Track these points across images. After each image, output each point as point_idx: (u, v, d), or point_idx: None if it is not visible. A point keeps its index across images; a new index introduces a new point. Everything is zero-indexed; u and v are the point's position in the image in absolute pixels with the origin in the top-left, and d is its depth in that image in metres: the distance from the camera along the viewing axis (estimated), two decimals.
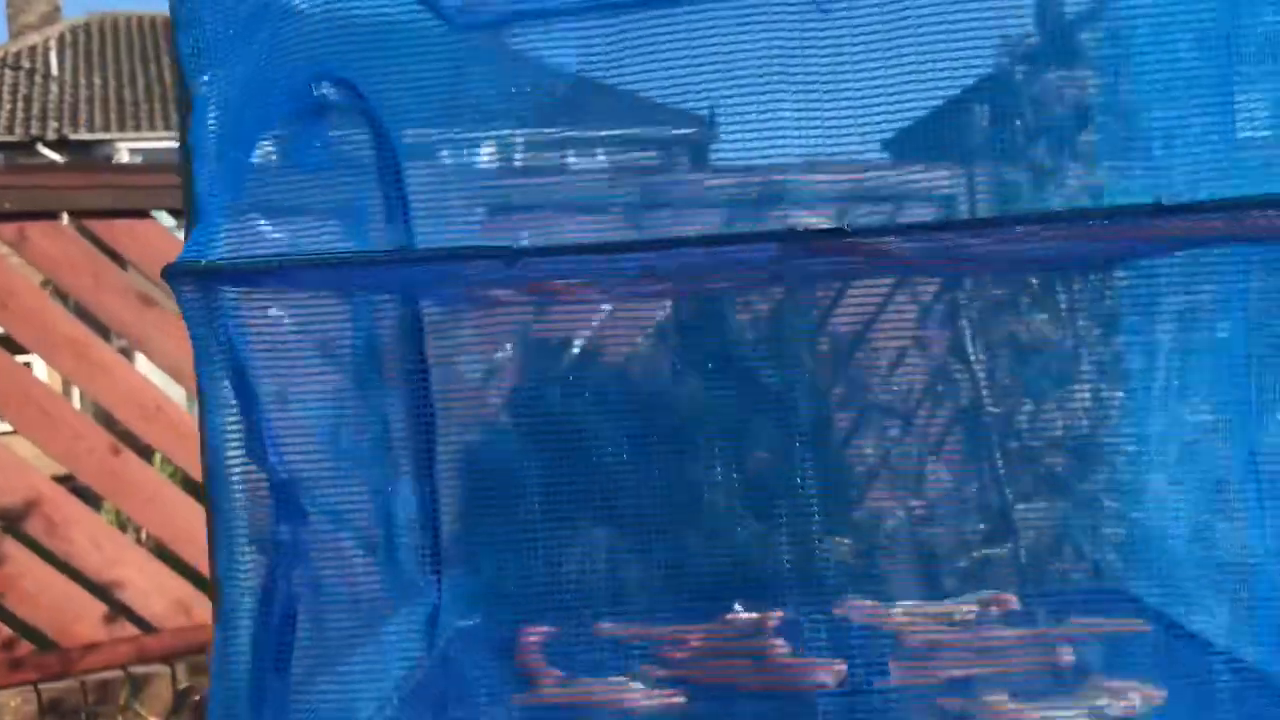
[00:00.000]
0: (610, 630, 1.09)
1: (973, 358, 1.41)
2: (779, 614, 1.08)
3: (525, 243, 1.16)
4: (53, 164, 16.73)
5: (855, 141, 1.23)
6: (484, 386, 1.29)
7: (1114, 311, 1.25)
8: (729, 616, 1.10)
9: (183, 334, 2.75)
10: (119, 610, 2.58)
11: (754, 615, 1.07)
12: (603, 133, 1.27)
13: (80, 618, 2.52)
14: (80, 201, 2.65)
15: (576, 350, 1.33)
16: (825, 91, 1.11)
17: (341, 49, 1.10)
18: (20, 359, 2.71)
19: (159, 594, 2.61)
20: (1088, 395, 1.34)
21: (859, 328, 1.35)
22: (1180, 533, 1.13)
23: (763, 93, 1.15)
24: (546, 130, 1.28)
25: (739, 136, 1.19)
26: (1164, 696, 0.93)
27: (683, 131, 1.30)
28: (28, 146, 18.91)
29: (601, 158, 1.32)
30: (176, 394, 2.83)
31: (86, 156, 19.37)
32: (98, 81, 20.29)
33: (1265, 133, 1.02)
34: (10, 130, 19.18)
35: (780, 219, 1.39)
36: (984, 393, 1.37)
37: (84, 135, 19.30)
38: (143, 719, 2.39)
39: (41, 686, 2.40)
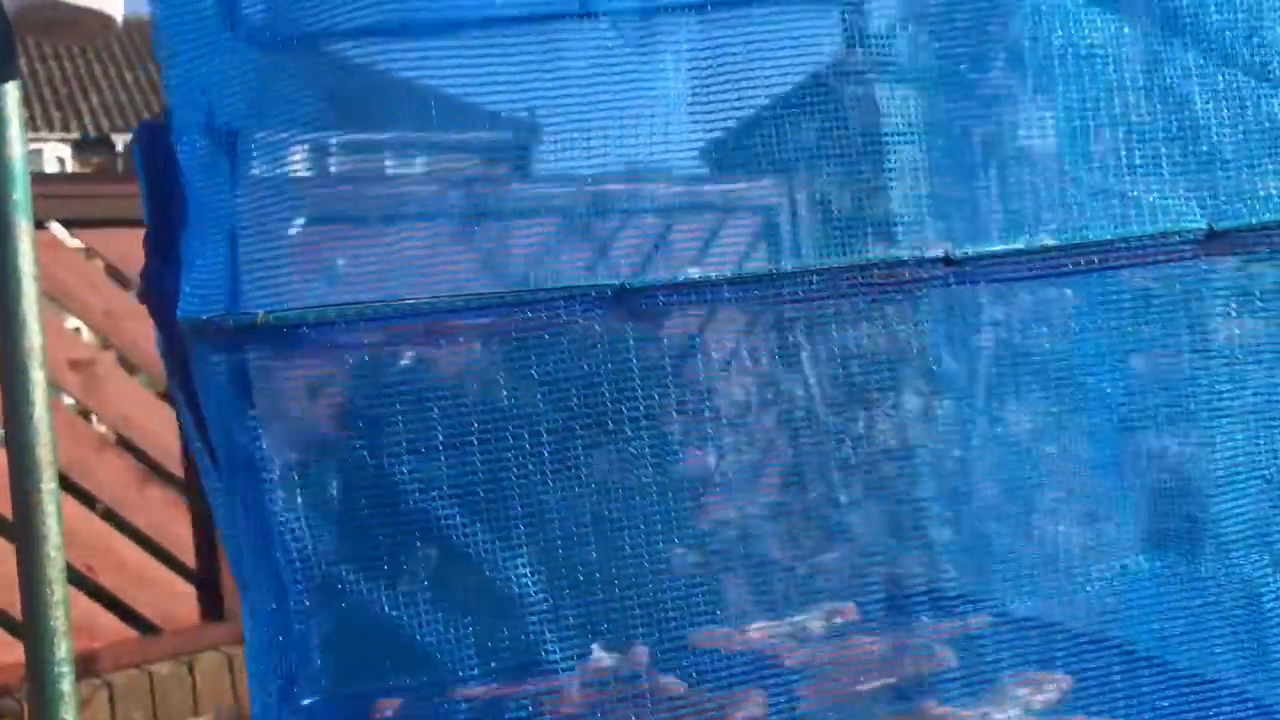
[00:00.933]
0: (475, 693, 1.02)
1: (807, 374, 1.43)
2: (642, 649, 1.04)
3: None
4: None
5: (679, 151, 1.24)
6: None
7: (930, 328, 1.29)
8: (593, 662, 1.05)
9: None
10: None
11: (617, 655, 1.02)
12: (423, 136, 1.23)
13: None
14: None
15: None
16: (647, 100, 1.11)
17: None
18: None
19: None
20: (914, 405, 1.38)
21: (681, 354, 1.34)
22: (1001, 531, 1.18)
23: (585, 100, 1.15)
24: (362, 135, 1.23)
25: (562, 143, 1.18)
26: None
27: (506, 136, 1.27)
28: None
29: (421, 164, 1.28)
30: None
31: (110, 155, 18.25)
32: None
33: None
34: (51, 129, 17.74)
35: (609, 229, 1.38)
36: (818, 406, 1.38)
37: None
38: None
39: None
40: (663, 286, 0.97)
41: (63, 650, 1.44)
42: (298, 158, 1.19)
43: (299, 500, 0.97)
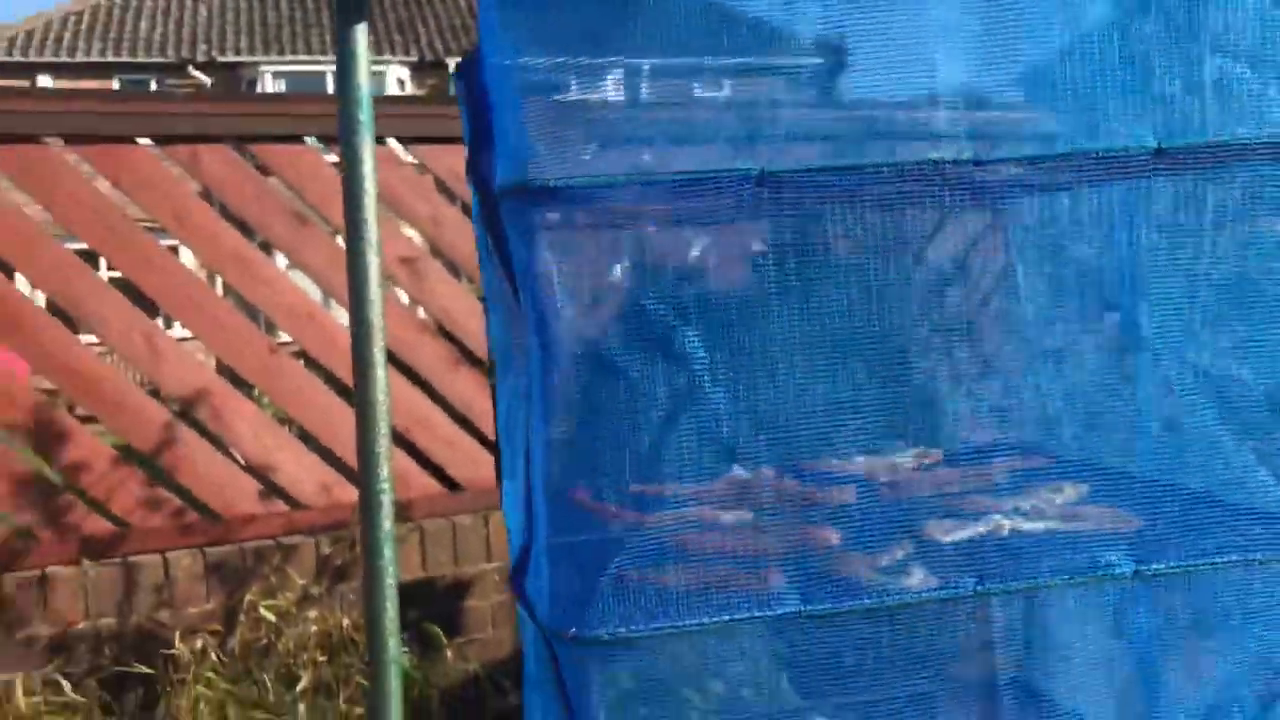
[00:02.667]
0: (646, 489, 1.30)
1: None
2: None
3: None
4: (222, 93, 17.58)
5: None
6: None
7: None
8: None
9: (329, 249, 3.13)
10: (272, 490, 2.96)
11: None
12: (730, 62, 1.39)
13: (240, 494, 2.90)
14: (243, 127, 2.99)
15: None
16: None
17: None
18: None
19: (307, 477, 2.98)
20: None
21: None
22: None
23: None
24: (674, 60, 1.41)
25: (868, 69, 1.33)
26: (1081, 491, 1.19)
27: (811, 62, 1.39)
28: (179, 68, 19.97)
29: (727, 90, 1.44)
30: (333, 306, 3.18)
31: (233, 78, 20.32)
32: (243, 5, 21.10)
33: None
34: (163, 52, 20.24)
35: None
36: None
37: (230, 58, 20.24)
38: (291, 579, 2.76)
39: (207, 550, 2.79)
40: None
41: (386, 496, 1.83)
42: (577, 82, 1.44)
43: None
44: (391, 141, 3.14)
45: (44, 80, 19.62)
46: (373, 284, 1.84)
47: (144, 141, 2.87)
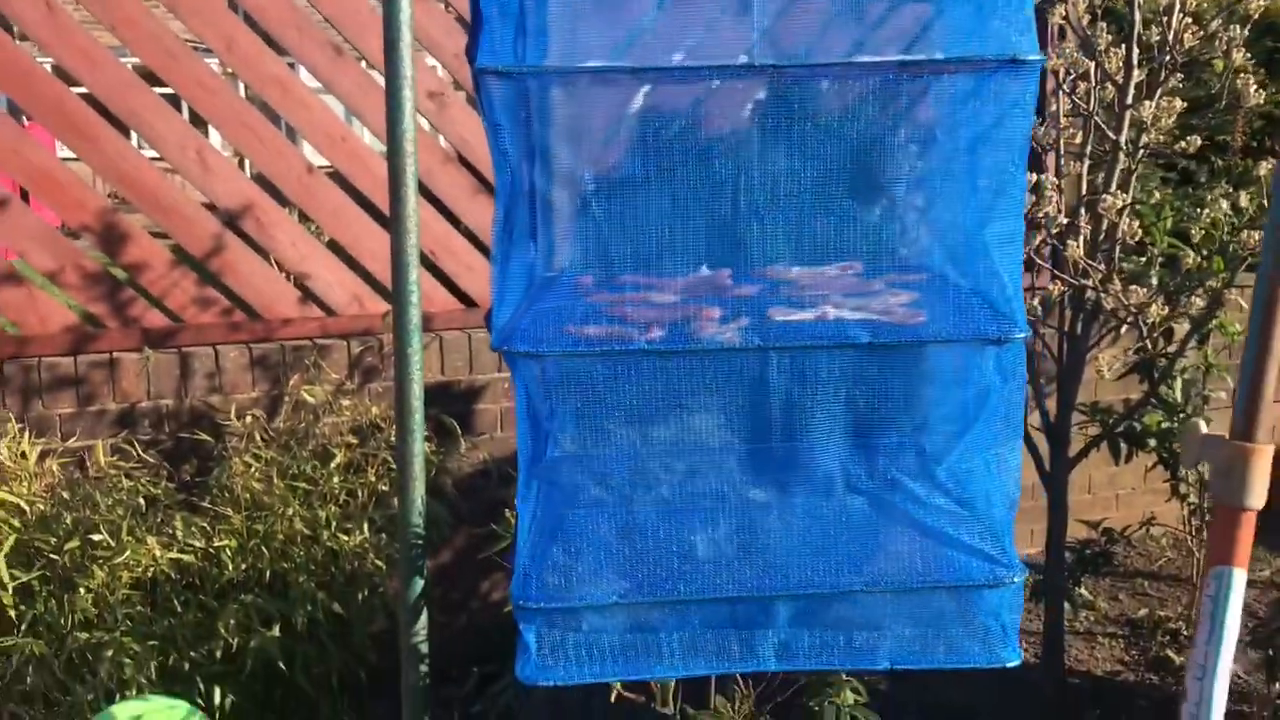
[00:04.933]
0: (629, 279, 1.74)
1: None
2: (728, 272, 1.71)
3: None
4: None
5: None
6: None
7: None
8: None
9: (359, 77, 3.42)
10: (309, 296, 3.32)
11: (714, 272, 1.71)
12: None
13: (280, 298, 3.27)
14: None
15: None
16: None
17: None
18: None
19: (339, 287, 3.34)
20: None
21: None
22: None
23: None
24: None
25: None
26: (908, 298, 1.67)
27: None
28: None
29: None
30: (355, 126, 3.47)
31: None
32: None
33: None
34: None
35: None
36: None
37: None
38: (326, 374, 3.14)
39: (252, 346, 3.16)
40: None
41: (414, 294, 2.16)
42: None
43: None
44: None
45: None
46: (407, 115, 2.15)
47: None
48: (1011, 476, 1.77)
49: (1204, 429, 1.57)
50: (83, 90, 3.06)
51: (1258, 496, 1.51)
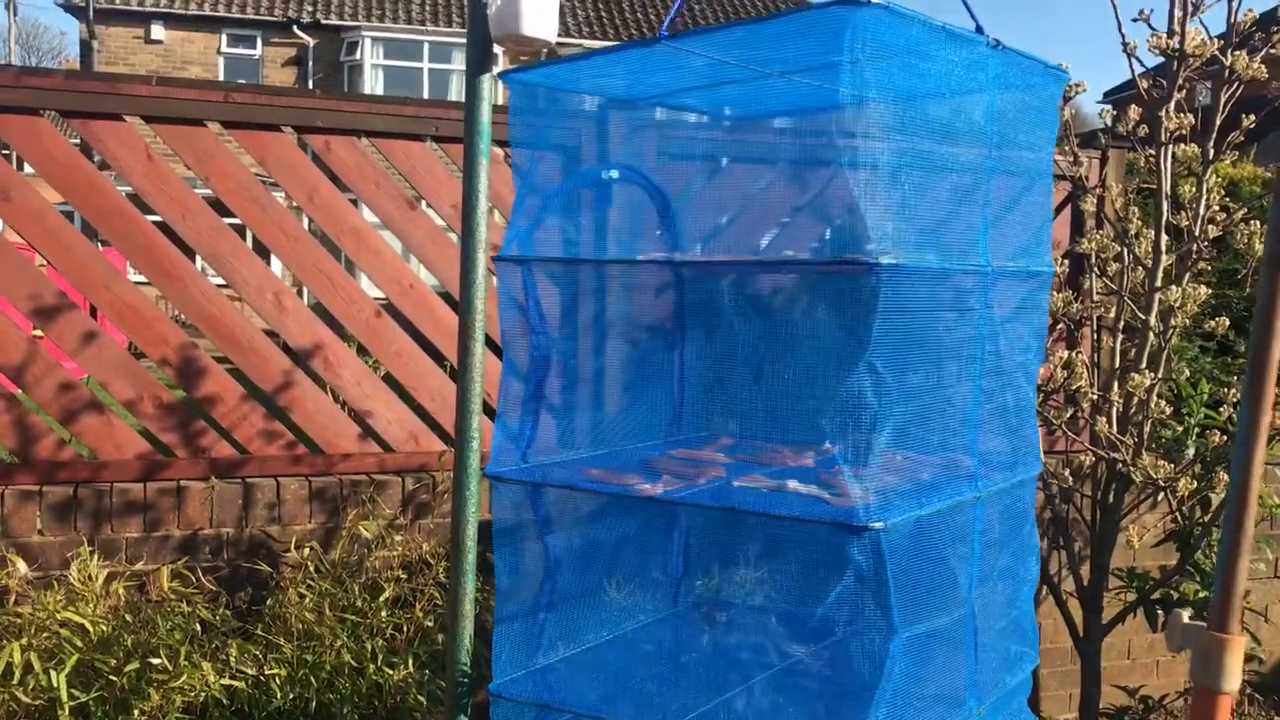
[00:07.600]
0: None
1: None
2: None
3: None
4: (350, 93, 18.39)
5: None
6: None
7: None
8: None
9: (430, 229, 3.64)
10: (368, 433, 3.47)
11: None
12: None
13: (341, 434, 3.42)
14: (369, 124, 3.48)
15: None
16: None
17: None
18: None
19: (398, 424, 3.49)
20: None
21: None
22: None
23: None
24: None
25: None
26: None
27: None
28: (284, 27, 20.85)
29: None
30: (426, 277, 3.68)
31: (334, 40, 21.11)
32: None
33: None
34: (270, 10, 21.08)
35: None
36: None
37: (333, 20, 21.00)
38: (380, 508, 3.27)
39: (312, 479, 3.30)
40: None
41: (475, 441, 2.30)
42: None
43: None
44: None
45: (157, 30, 20.52)
46: (479, 276, 2.32)
47: (285, 130, 3.39)
48: None
49: (1185, 619, 1.66)
50: (157, 218, 3.29)
51: (1233, 681, 1.59)
